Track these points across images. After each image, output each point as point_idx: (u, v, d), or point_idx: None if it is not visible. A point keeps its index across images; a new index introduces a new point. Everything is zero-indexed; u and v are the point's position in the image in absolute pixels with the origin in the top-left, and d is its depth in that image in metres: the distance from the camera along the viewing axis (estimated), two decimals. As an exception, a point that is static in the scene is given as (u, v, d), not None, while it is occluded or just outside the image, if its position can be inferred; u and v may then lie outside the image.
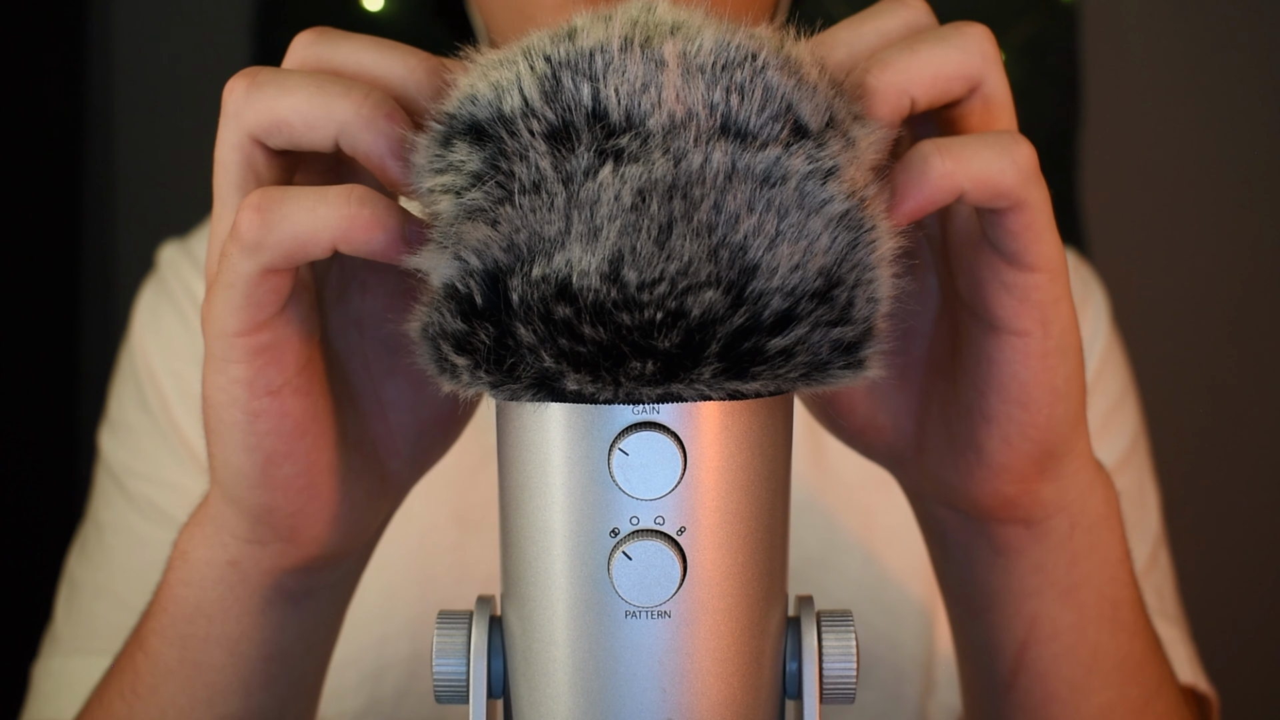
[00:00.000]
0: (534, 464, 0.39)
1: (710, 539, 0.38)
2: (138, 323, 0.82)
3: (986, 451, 0.46)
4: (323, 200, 0.40)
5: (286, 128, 0.41)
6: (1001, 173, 0.41)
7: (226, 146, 0.42)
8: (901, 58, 0.42)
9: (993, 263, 0.43)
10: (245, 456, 0.44)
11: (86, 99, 1.64)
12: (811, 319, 0.37)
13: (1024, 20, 1.56)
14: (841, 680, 0.42)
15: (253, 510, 0.45)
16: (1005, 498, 0.47)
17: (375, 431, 0.48)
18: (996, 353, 0.44)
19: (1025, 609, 0.49)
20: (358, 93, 0.41)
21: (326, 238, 0.40)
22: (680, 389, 0.37)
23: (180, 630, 0.49)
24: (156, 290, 0.83)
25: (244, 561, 0.47)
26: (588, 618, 0.39)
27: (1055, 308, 0.43)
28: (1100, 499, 0.49)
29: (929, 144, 0.41)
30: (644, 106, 0.36)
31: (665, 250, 0.36)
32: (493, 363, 0.37)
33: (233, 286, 0.41)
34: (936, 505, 0.50)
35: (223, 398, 0.43)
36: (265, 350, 0.42)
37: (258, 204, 0.40)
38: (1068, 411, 0.45)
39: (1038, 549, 0.48)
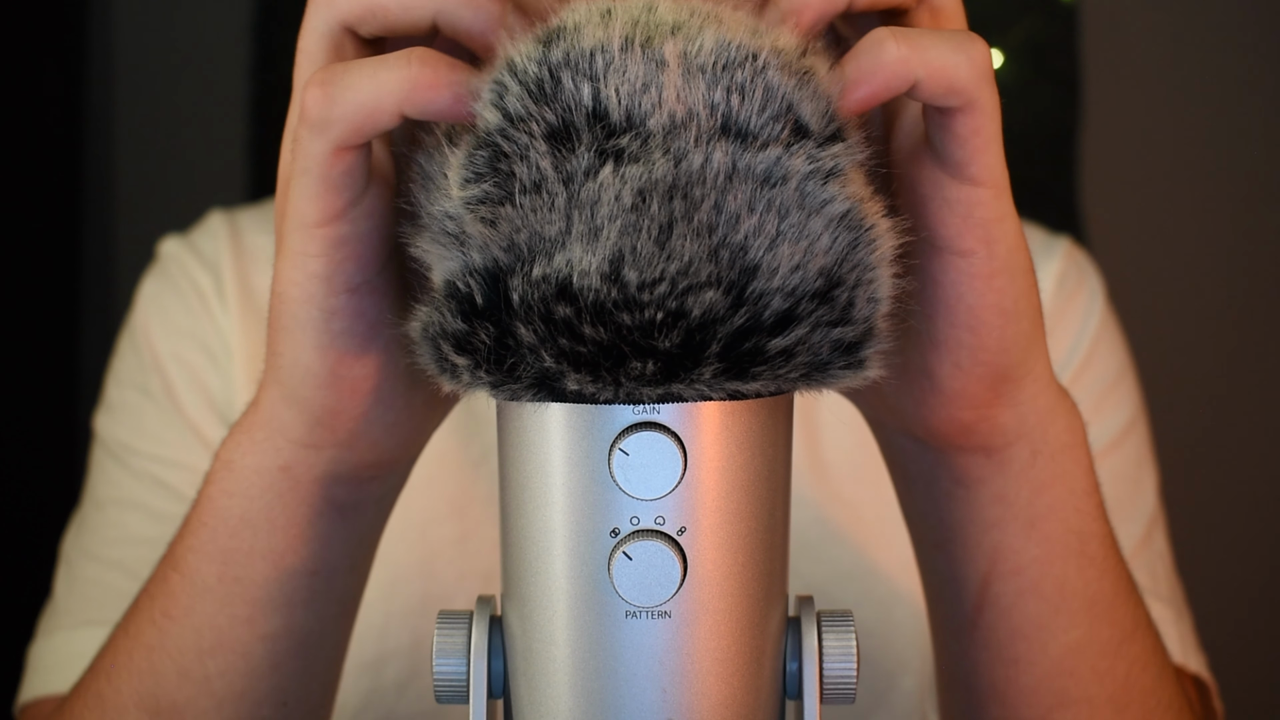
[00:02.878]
0: (534, 464, 0.39)
1: (710, 539, 0.38)
2: (140, 307, 0.82)
3: (938, 377, 0.45)
4: (384, 65, 0.39)
5: (381, 10, 0.41)
6: (957, 67, 0.40)
7: (315, 35, 0.42)
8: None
9: (935, 177, 0.42)
10: (316, 355, 0.43)
11: (86, 99, 1.64)
12: (812, 319, 0.37)
13: (1024, 20, 1.56)
14: (842, 680, 0.42)
15: (315, 411, 0.44)
16: (962, 424, 0.46)
17: None
18: (941, 275, 0.43)
19: (987, 541, 0.48)
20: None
21: (391, 102, 0.39)
22: (680, 389, 0.37)
23: (222, 544, 0.48)
24: (159, 279, 0.83)
25: (296, 467, 0.46)
26: (588, 618, 0.39)
27: (1000, 225, 0.42)
28: (1063, 426, 0.48)
29: (884, 30, 0.40)
30: (644, 106, 0.36)
31: (666, 250, 0.36)
32: (493, 363, 0.37)
33: (308, 171, 0.40)
34: (896, 434, 0.49)
35: (297, 293, 0.42)
36: (345, 243, 0.42)
37: (321, 79, 0.39)
38: (1019, 333, 0.44)
39: (999, 478, 0.47)
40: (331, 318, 0.42)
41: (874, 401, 0.49)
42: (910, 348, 0.45)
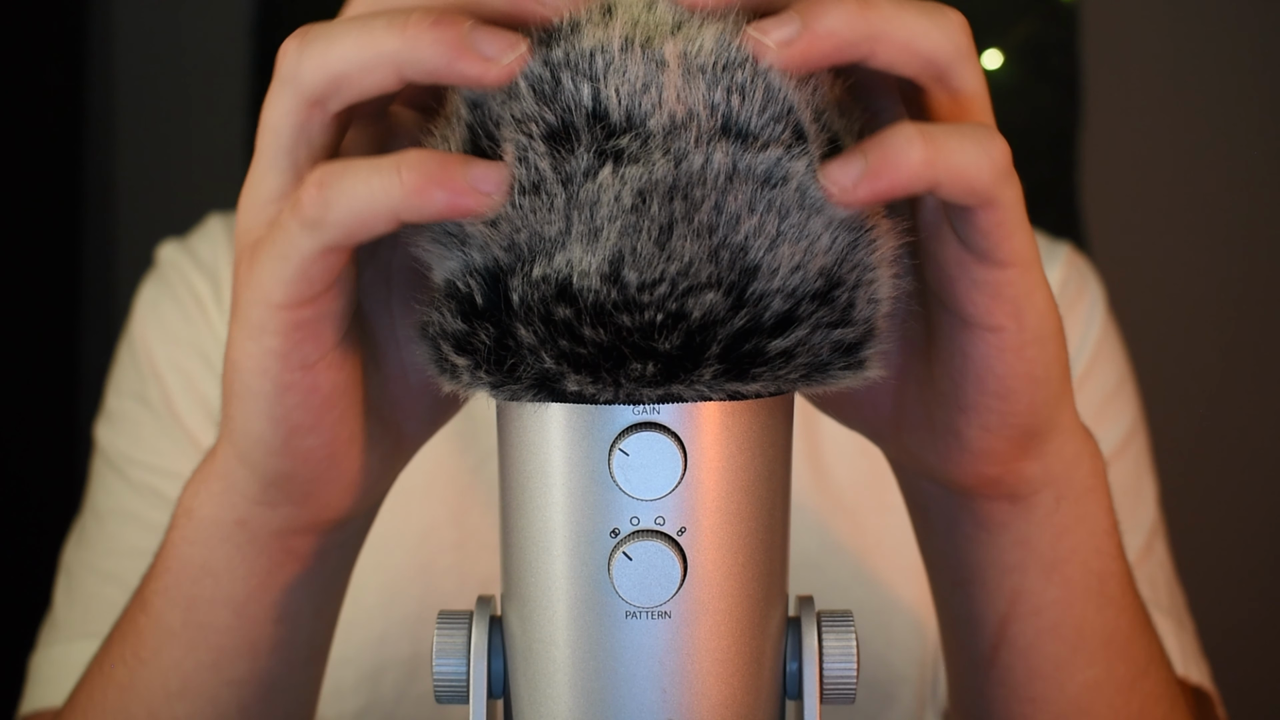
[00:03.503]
0: (534, 464, 0.39)
1: (710, 539, 0.38)
2: (139, 316, 0.82)
3: (965, 437, 0.45)
4: (376, 171, 0.38)
5: (345, 81, 0.39)
6: (979, 169, 0.39)
7: (279, 110, 0.41)
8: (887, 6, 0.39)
9: (961, 259, 0.42)
10: (268, 426, 0.43)
11: (86, 99, 1.64)
12: (812, 320, 0.37)
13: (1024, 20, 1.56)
14: (842, 680, 0.42)
15: (268, 475, 0.44)
16: (987, 477, 0.46)
17: (396, 395, 0.47)
18: (970, 347, 0.43)
19: (1008, 583, 0.48)
20: (399, 19, 0.39)
21: (387, 210, 0.38)
22: (680, 390, 0.37)
23: (185, 590, 0.48)
24: (157, 285, 0.83)
25: (252, 521, 0.46)
26: (588, 618, 0.39)
27: (1029, 299, 0.42)
28: (1087, 470, 0.48)
29: (911, 126, 0.39)
30: (644, 107, 0.36)
31: (666, 251, 0.36)
32: (493, 363, 0.37)
33: (286, 259, 0.40)
34: (918, 478, 0.49)
35: (252, 365, 0.42)
36: (307, 324, 0.41)
37: (319, 179, 0.39)
38: (1048, 395, 0.44)
39: (1022, 523, 0.47)
40: (285, 393, 0.42)
41: (895, 447, 0.49)
42: (936, 407, 0.45)
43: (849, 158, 0.37)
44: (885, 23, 0.39)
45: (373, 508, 0.50)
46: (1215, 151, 1.70)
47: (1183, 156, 1.71)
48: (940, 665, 0.76)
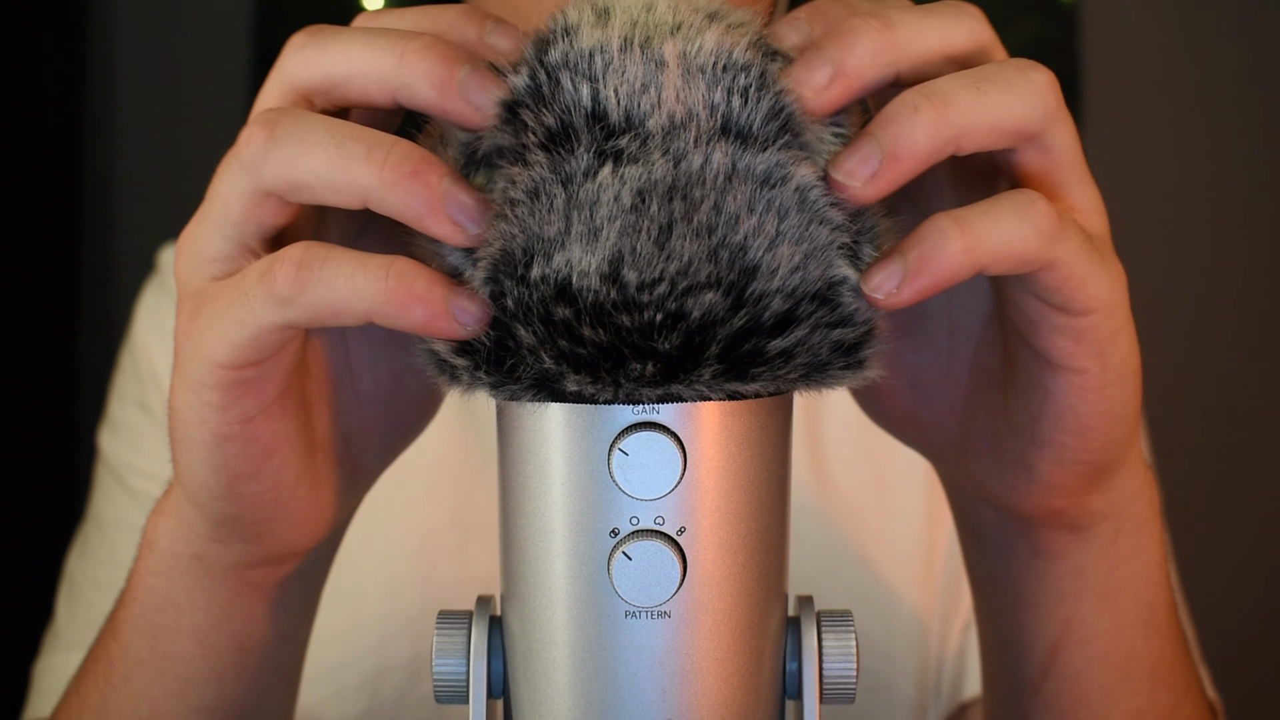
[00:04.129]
0: (534, 464, 0.39)
1: (710, 539, 0.38)
2: (139, 321, 0.82)
3: (1038, 471, 0.44)
4: (362, 270, 0.38)
5: (307, 189, 0.39)
6: (1023, 241, 0.38)
7: (234, 191, 0.40)
8: (965, 98, 0.39)
9: (1040, 308, 0.41)
10: (210, 473, 0.43)
11: (86, 99, 1.64)
12: (812, 320, 0.37)
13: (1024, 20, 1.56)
14: (841, 680, 0.42)
15: (215, 517, 0.44)
16: (1051, 509, 0.46)
17: (349, 427, 0.48)
18: (1053, 386, 0.42)
19: (1060, 612, 0.48)
20: (379, 153, 0.38)
21: (362, 309, 0.38)
22: (680, 389, 0.37)
23: (150, 620, 0.48)
24: (158, 290, 0.83)
25: (208, 556, 0.46)
26: (588, 618, 0.39)
27: (1113, 341, 0.41)
28: (1146, 503, 0.48)
29: (944, 217, 0.38)
30: (644, 107, 0.36)
31: (665, 251, 0.36)
32: (493, 364, 0.37)
33: (243, 325, 0.39)
34: (975, 502, 0.49)
35: (192, 415, 0.42)
36: (247, 384, 0.41)
37: (300, 260, 0.38)
38: (1124, 433, 0.44)
39: (1079, 553, 0.47)
40: (224, 443, 0.42)
41: (957, 472, 0.49)
42: (1009, 439, 0.45)
43: (889, 261, 0.38)
44: (966, 116, 0.39)
45: (334, 537, 0.50)
46: (1215, 151, 1.70)
47: (1183, 156, 1.71)
48: (943, 668, 0.76)
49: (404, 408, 0.48)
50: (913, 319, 0.48)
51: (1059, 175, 0.41)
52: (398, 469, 0.54)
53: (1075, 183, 0.42)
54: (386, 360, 0.47)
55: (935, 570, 0.76)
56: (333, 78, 0.40)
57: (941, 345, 0.48)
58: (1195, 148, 1.70)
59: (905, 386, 0.48)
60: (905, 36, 0.40)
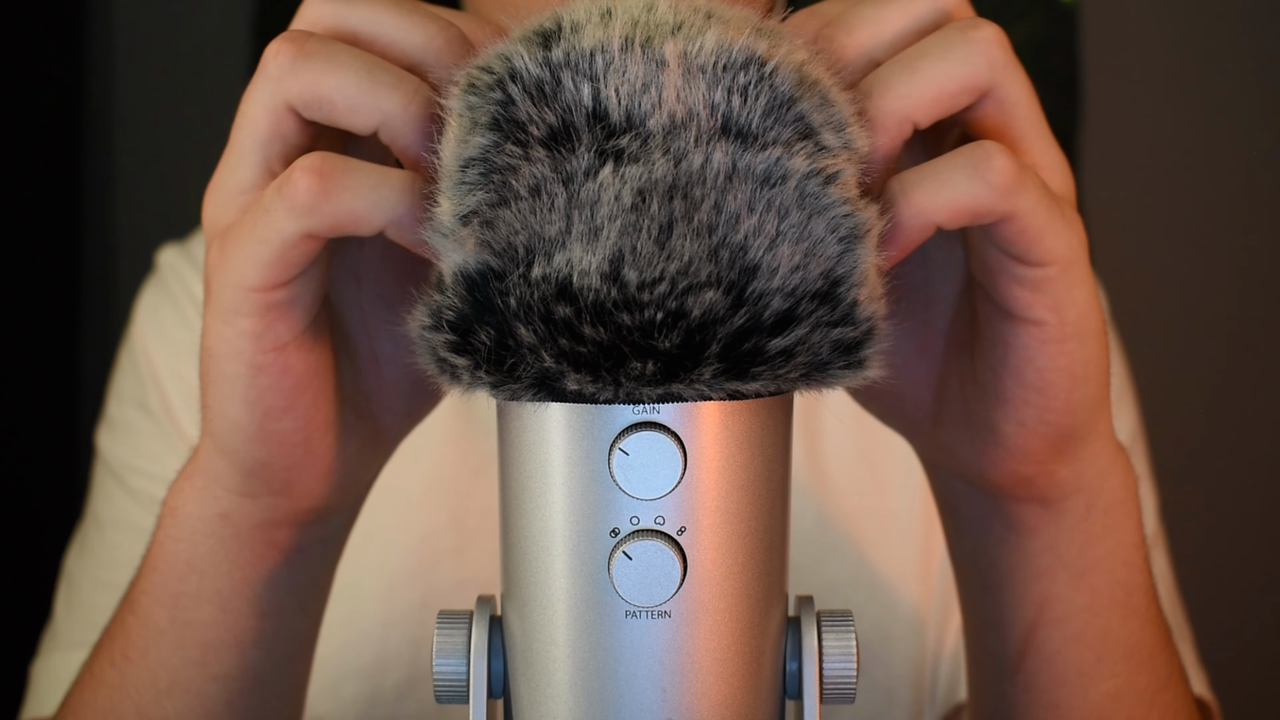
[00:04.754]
0: (534, 464, 0.39)
1: (710, 539, 0.38)
2: (139, 322, 0.82)
3: (1002, 433, 0.45)
4: (385, 180, 0.39)
5: (328, 105, 0.41)
6: (974, 195, 0.39)
7: (258, 106, 0.42)
8: (901, 79, 0.41)
9: (1000, 258, 0.42)
10: (243, 409, 0.43)
11: (86, 99, 1.64)
12: (812, 319, 0.37)
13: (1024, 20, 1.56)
14: (841, 680, 0.42)
15: (246, 463, 0.45)
16: (1021, 477, 0.46)
17: (370, 386, 0.48)
18: (1012, 338, 0.43)
19: (1036, 589, 0.49)
20: (407, 87, 0.40)
21: (381, 219, 0.39)
22: (680, 389, 0.37)
23: (171, 588, 0.49)
24: (157, 291, 0.83)
25: (235, 514, 0.47)
26: (588, 617, 0.39)
27: (1070, 294, 0.42)
28: (1119, 481, 0.48)
29: (894, 182, 0.40)
30: (644, 107, 0.36)
31: (666, 250, 0.36)
32: (493, 363, 0.37)
33: (266, 243, 0.40)
34: (951, 478, 0.50)
35: (226, 349, 0.42)
36: (279, 306, 0.42)
37: (320, 168, 0.39)
38: (1087, 395, 0.44)
39: (1052, 528, 0.48)
40: (258, 374, 0.43)
41: (931, 444, 0.50)
42: (975, 401, 0.46)
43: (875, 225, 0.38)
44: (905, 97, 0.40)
45: (355, 503, 0.50)
46: (1215, 151, 1.70)
47: (1183, 156, 1.71)
48: (940, 668, 0.76)
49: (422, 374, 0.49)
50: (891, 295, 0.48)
51: (1017, 128, 0.42)
52: (396, 470, 0.54)
53: (1035, 137, 0.43)
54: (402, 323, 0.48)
55: (933, 570, 0.76)
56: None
57: (919, 319, 0.49)
58: (1195, 148, 1.70)
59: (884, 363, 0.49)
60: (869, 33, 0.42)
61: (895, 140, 0.41)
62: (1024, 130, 0.43)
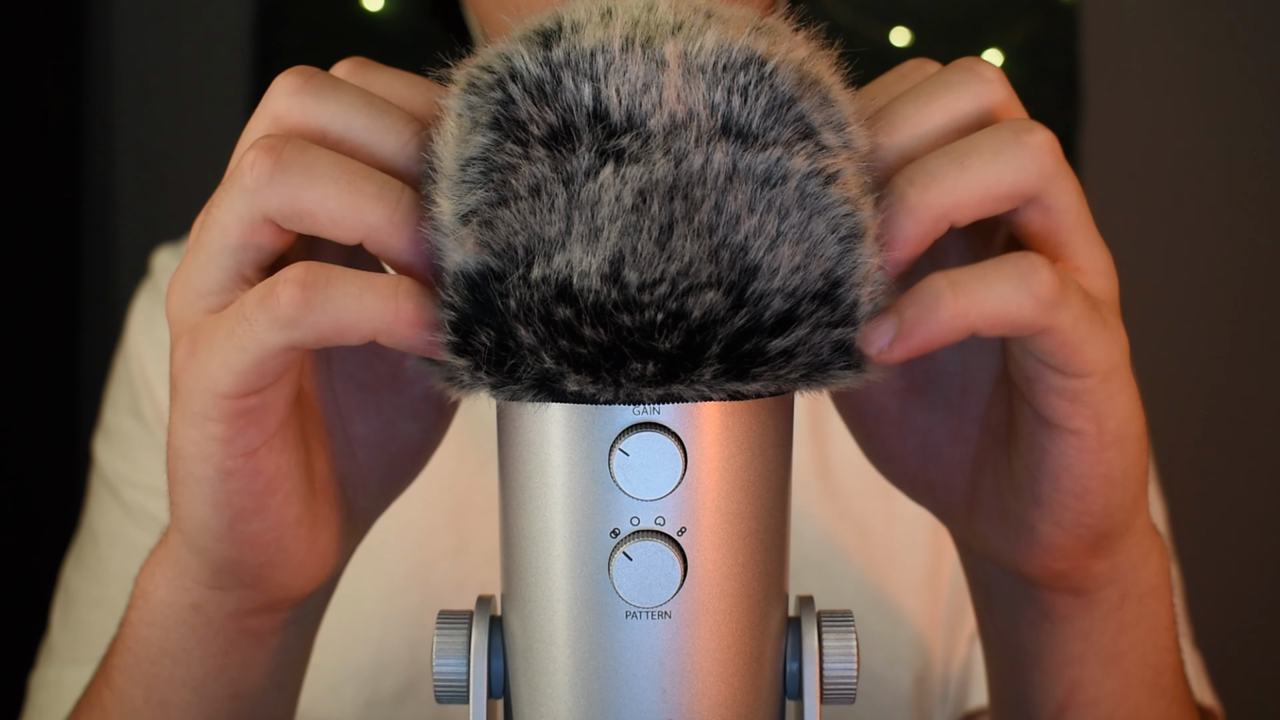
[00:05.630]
0: (534, 464, 0.39)
1: (711, 539, 0.38)
2: (132, 329, 0.82)
3: (1038, 532, 0.44)
4: (370, 289, 0.38)
5: (309, 218, 0.39)
6: (1019, 307, 0.38)
7: (232, 216, 0.40)
8: (948, 174, 0.39)
9: (1038, 367, 0.41)
10: (212, 512, 0.42)
11: (86, 100, 1.64)
12: (812, 320, 0.37)
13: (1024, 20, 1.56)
14: (842, 680, 0.42)
15: (216, 561, 0.44)
16: (1055, 572, 0.46)
17: (344, 470, 0.47)
18: (1049, 445, 0.42)
19: (1068, 673, 0.48)
20: (390, 195, 0.39)
21: (369, 328, 0.38)
22: (681, 390, 0.37)
23: (145, 670, 0.48)
24: (151, 296, 0.83)
25: (206, 606, 0.46)
26: (588, 618, 0.39)
27: (1110, 404, 0.41)
28: (1154, 570, 0.48)
29: (941, 278, 0.39)
30: (645, 107, 0.36)
31: (666, 251, 0.36)
32: (493, 364, 0.37)
33: (245, 351, 0.39)
34: (984, 561, 0.49)
35: (194, 451, 0.41)
36: (251, 412, 0.41)
37: (304, 280, 0.38)
38: (1125, 498, 0.43)
39: (1085, 617, 0.47)
40: (228, 478, 0.42)
41: (965, 530, 0.49)
42: (1011, 498, 0.45)
43: (883, 318, 0.38)
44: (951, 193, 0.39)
45: (330, 583, 0.49)
46: (1215, 151, 1.70)
47: (1183, 156, 1.71)
48: (951, 674, 0.76)
49: (397, 453, 0.49)
50: (926, 379, 0.48)
51: (1062, 235, 0.41)
52: None
53: (1080, 242, 0.42)
54: (375, 405, 0.48)
55: (942, 577, 0.76)
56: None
57: (954, 405, 0.48)
58: (1195, 147, 1.70)
59: (916, 446, 0.49)
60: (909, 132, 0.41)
61: (929, 235, 0.39)
62: (1070, 235, 0.41)
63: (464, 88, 0.38)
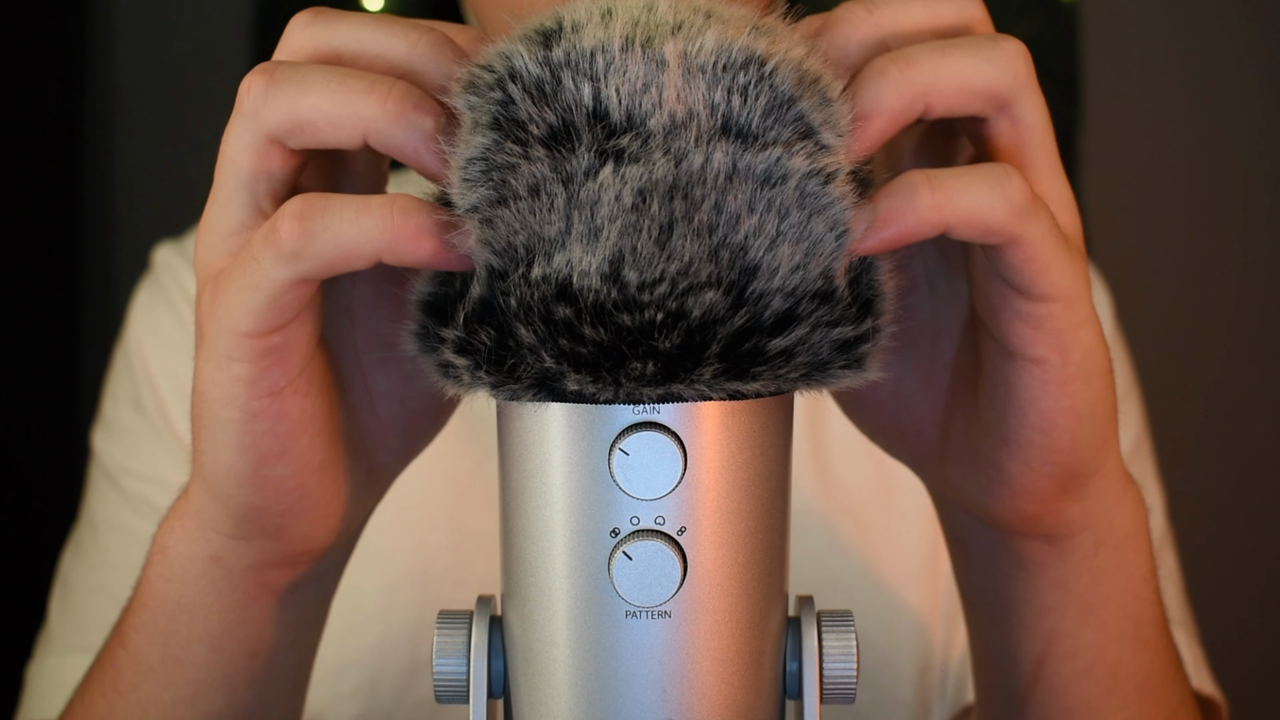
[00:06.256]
0: (534, 464, 0.39)
1: (710, 539, 0.38)
2: (133, 322, 0.82)
3: (1007, 472, 0.44)
4: (366, 210, 0.39)
5: (310, 128, 0.40)
6: (992, 209, 0.39)
7: (240, 145, 0.41)
8: (930, 58, 0.40)
9: (1003, 291, 0.41)
10: (237, 455, 0.43)
11: (86, 99, 1.64)
12: (812, 319, 0.37)
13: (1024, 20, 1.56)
14: (842, 680, 0.42)
15: (239, 508, 0.44)
16: (1027, 515, 0.46)
17: (365, 424, 0.48)
18: (1015, 378, 0.43)
19: (1044, 624, 0.48)
20: (382, 87, 0.40)
21: (370, 249, 0.39)
22: (681, 389, 0.37)
23: (162, 626, 0.48)
24: (152, 290, 0.83)
25: (227, 557, 0.46)
26: (588, 618, 0.39)
27: (1074, 333, 0.42)
28: (1128, 516, 0.48)
29: (918, 173, 0.39)
30: (645, 106, 0.36)
31: (666, 250, 0.36)
32: (493, 363, 0.37)
33: (258, 290, 0.40)
34: (958, 512, 0.49)
35: (220, 394, 0.42)
36: (273, 352, 0.41)
37: (300, 212, 0.39)
38: (1092, 435, 0.44)
39: (1060, 564, 0.47)
40: (253, 420, 0.42)
41: (938, 479, 0.49)
42: (980, 439, 0.45)
43: (858, 210, 0.38)
44: (931, 74, 0.40)
45: (349, 540, 0.50)
46: (1216, 151, 1.70)
47: (1183, 156, 1.71)
48: (950, 667, 0.76)
49: (417, 409, 0.49)
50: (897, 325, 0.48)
51: (1029, 153, 0.42)
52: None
53: (1045, 167, 0.42)
54: (396, 361, 0.48)
55: (941, 571, 0.76)
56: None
57: (925, 352, 0.48)
58: (1195, 147, 1.70)
59: (888, 395, 0.49)
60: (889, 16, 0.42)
61: (904, 111, 0.40)
62: (1037, 157, 0.42)
63: (464, 87, 0.39)
